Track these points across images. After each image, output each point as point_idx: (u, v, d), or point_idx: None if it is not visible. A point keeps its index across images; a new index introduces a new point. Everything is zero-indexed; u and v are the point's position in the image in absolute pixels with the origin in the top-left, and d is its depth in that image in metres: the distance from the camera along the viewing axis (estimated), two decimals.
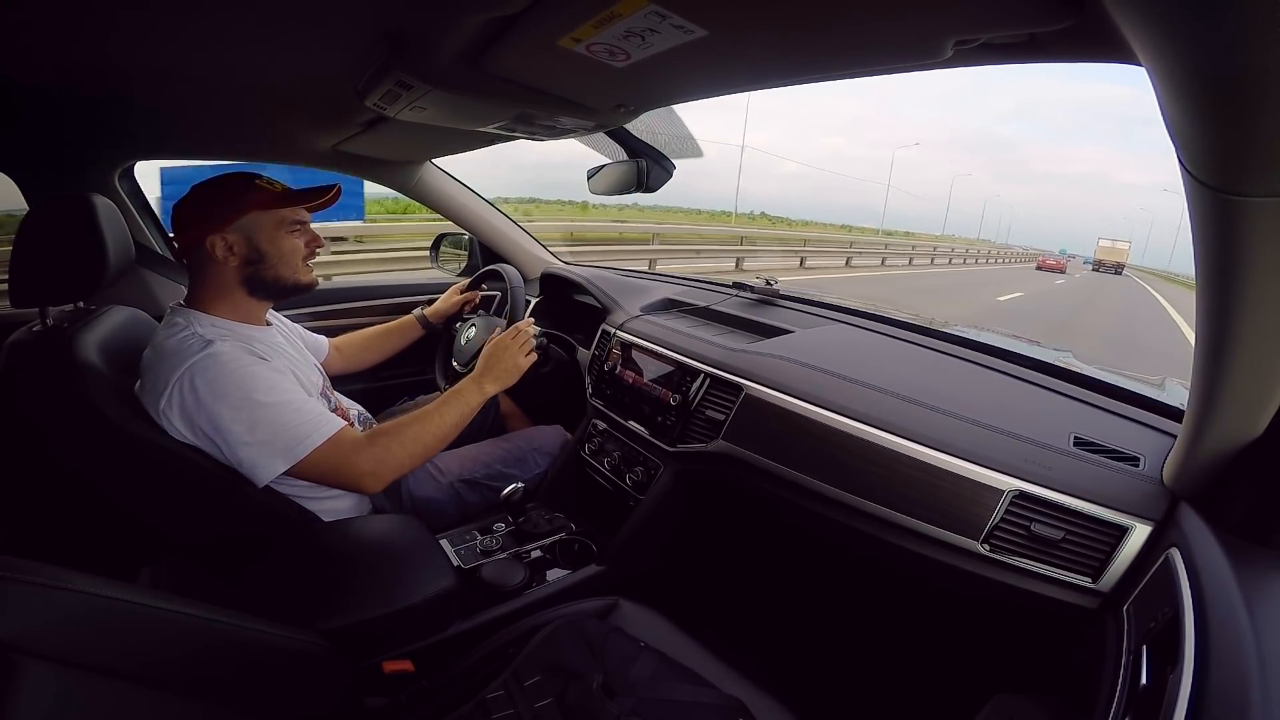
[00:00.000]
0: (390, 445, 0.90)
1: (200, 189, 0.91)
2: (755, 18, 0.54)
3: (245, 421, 0.81)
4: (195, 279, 0.92)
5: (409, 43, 0.69)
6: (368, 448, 0.88)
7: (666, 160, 1.11)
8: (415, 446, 0.93)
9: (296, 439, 0.84)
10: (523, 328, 1.12)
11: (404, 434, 0.92)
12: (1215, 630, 0.45)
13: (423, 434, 0.94)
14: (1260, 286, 0.40)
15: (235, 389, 0.81)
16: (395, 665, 0.80)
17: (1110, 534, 0.68)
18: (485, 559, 1.09)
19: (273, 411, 0.83)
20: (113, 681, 0.46)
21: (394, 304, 1.70)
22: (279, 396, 0.85)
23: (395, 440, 0.91)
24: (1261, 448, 0.54)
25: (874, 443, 0.85)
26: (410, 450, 0.92)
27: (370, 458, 0.88)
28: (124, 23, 0.69)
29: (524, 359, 1.09)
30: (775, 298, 1.44)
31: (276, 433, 0.83)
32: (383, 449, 0.89)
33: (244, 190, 0.90)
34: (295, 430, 0.84)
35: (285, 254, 0.93)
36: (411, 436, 0.93)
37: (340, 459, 0.86)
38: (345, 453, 0.87)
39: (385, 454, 0.89)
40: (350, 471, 0.87)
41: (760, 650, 0.94)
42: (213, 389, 0.80)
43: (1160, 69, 0.33)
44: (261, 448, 0.82)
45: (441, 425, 0.96)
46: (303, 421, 0.85)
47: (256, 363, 0.86)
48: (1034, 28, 0.47)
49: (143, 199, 1.43)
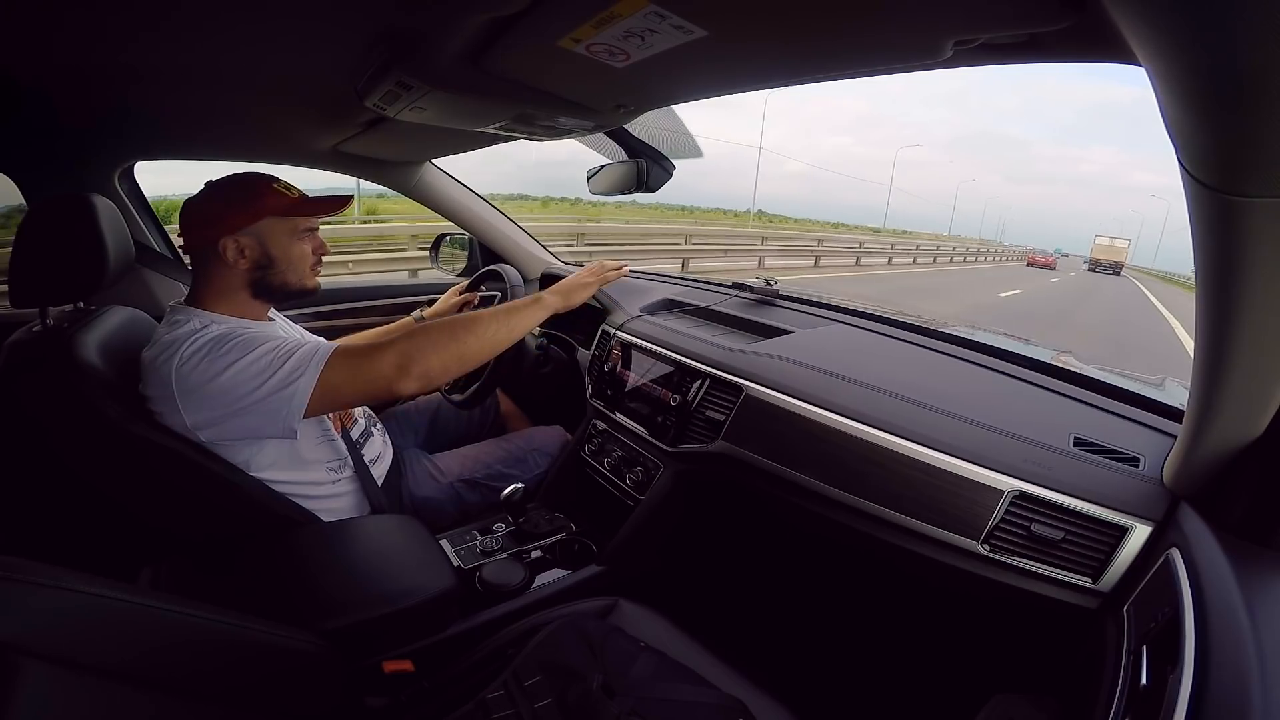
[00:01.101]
0: (418, 340, 0.84)
1: (215, 187, 0.89)
2: (755, 18, 0.54)
3: (250, 364, 0.79)
4: (200, 278, 0.91)
5: (409, 43, 0.69)
6: (391, 344, 0.83)
7: (666, 160, 1.12)
8: (451, 344, 0.86)
9: (306, 356, 0.81)
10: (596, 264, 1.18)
11: (437, 332, 0.86)
12: (1215, 630, 0.45)
13: (459, 331, 0.87)
14: (1260, 287, 0.40)
15: (230, 351, 0.80)
16: (395, 665, 0.80)
17: (1110, 534, 0.68)
18: (485, 559, 1.09)
19: (271, 346, 0.81)
20: (113, 682, 0.46)
21: (394, 304, 1.70)
22: (274, 342, 0.83)
23: (425, 336, 0.85)
24: (1261, 448, 0.54)
25: (874, 443, 0.85)
26: (444, 346, 0.85)
27: (394, 351, 0.82)
28: (124, 23, 0.69)
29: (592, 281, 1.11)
30: (775, 298, 1.44)
31: (285, 360, 0.80)
32: (406, 342, 0.83)
33: (261, 193, 0.89)
34: (299, 359, 0.81)
35: (295, 260, 0.93)
36: (446, 333, 0.86)
37: (361, 358, 0.82)
38: (364, 351, 0.82)
39: (410, 347, 0.83)
40: (376, 368, 0.81)
41: (760, 650, 0.93)
42: (210, 361, 0.79)
43: (1160, 69, 0.33)
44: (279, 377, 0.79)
45: (482, 327, 0.89)
46: (303, 346, 0.82)
47: (245, 329, 0.85)
48: (1034, 28, 0.47)
49: (143, 199, 1.43)
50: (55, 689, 0.41)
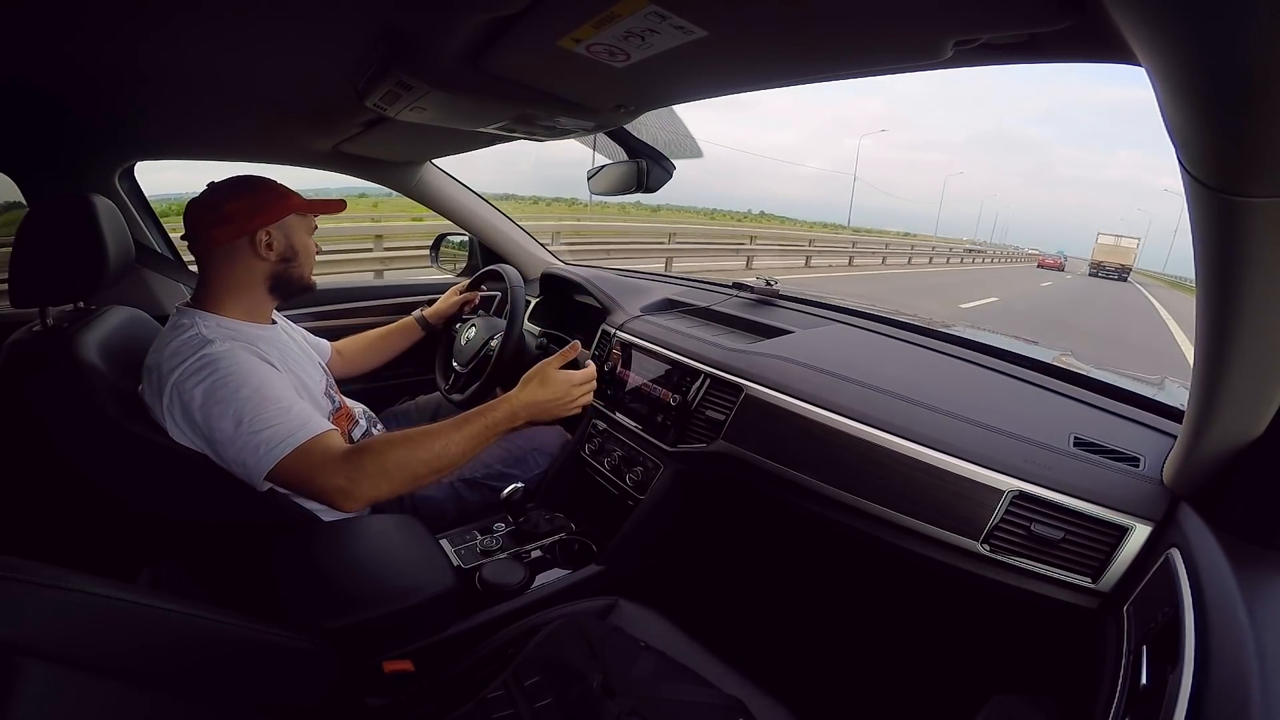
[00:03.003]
0: (370, 462, 0.79)
1: (238, 186, 0.92)
2: (755, 18, 0.54)
3: (232, 418, 0.78)
4: (215, 274, 0.91)
5: (409, 43, 0.69)
6: (342, 462, 0.79)
7: (666, 160, 1.12)
8: (402, 470, 0.81)
9: (277, 438, 0.78)
10: (592, 371, 0.98)
11: (394, 451, 0.81)
12: (1215, 630, 0.45)
13: (418, 451, 0.82)
14: (1260, 287, 0.40)
15: (225, 387, 0.80)
16: (395, 665, 0.80)
17: (1110, 534, 0.68)
18: (485, 559, 1.09)
19: (256, 407, 0.79)
20: (113, 681, 0.46)
21: (394, 304, 1.70)
22: (267, 393, 0.81)
23: (380, 455, 0.80)
24: (1261, 448, 0.54)
25: (874, 443, 0.85)
26: (394, 474, 0.80)
27: (342, 473, 0.78)
28: (125, 23, 0.69)
29: (581, 403, 0.96)
30: (775, 298, 1.44)
31: (258, 432, 0.78)
32: (356, 466, 0.78)
33: (283, 191, 0.94)
34: (276, 430, 0.79)
35: (309, 254, 0.98)
36: (404, 454, 0.81)
37: (311, 470, 0.78)
38: (315, 463, 0.78)
39: (357, 472, 0.78)
40: (321, 484, 0.78)
41: (760, 650, 0.93)
42: (206, 388, 0.80)
43: (1160, 69, 0.33)
44: (243, 449, 0.78)
45: (447, 447, 0.84)
46: (278, 425, 0.79)
47: (251, 359, 0.84)
48: (1034, 28, 0.47)
49: (143, 199, 1.43)
50: (55, 688, 0.42)
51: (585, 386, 0.96)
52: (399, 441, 0.82)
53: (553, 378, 0.94)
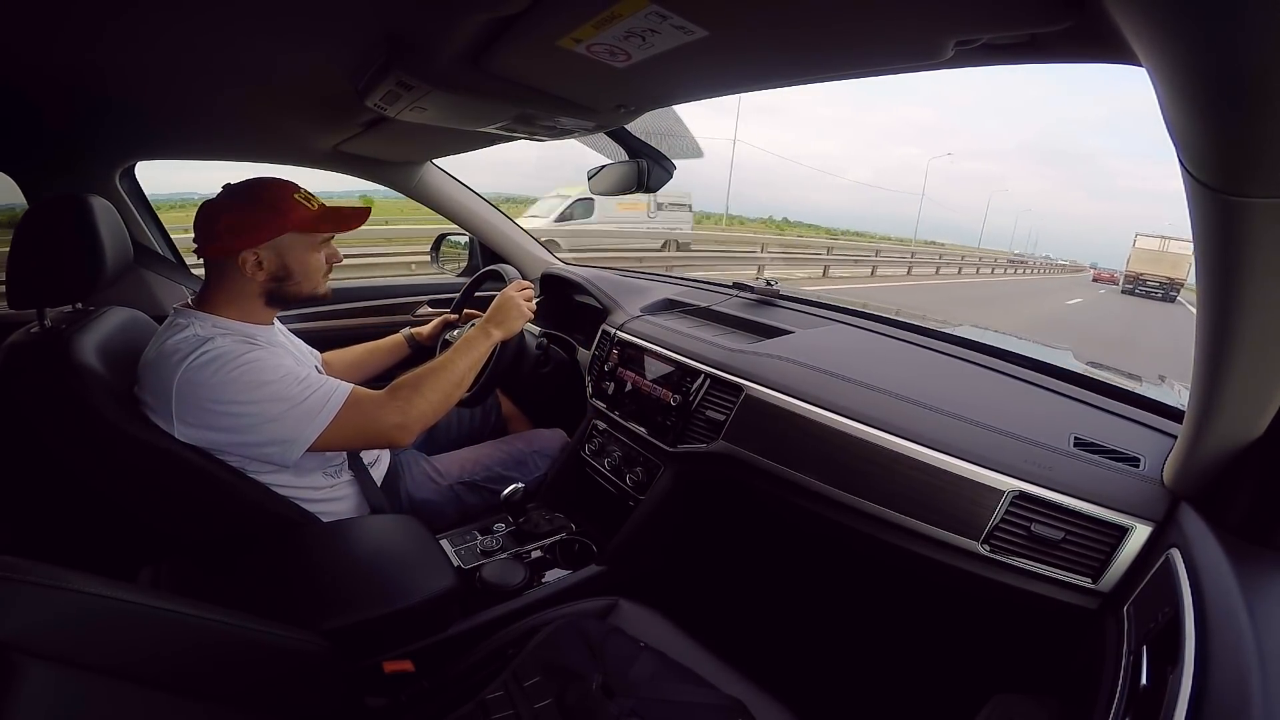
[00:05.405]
0: (412, 396, 0.92)
1: (237, 196, 0.88)
2: (756, 18, 0.54)
3: (261, 402, 0.82)
4: (212, 282, 0.91)
5: (409, 43, 0.69)
6: (390, 401, 0.91)
7: (666, 160, 1.11)
8: (435, 394, 0.94)
9: (316, 407, 0.85)
10: (524, 283, 1.19)
11: (423, 384, 0.94)
12: (1215, 630, 0.45)
13: (440, 382, 0.96)
14: (1261, 287, 0.40)
15: (242, 377, 0.81)
16: (395, 665, 0.80)
17: (1110, 534, 0.68)
18: (485, 559, 1.09)
19: (283, 387, 0.84)
20: (113, 681, 0.46)
21: (394, 304, 1.70)
22: (286, 373, 0.85)
23: (416, 391, 0.93)
24: (1262, 448, 0.54)
25: (874, 443, 0.85)
26: (431, 398, 0.94)
27: (395, 410, 0.90)
28: (124, 22, 0.69)
29: (528, 306, 1.14)
30: (775, 298, 1.44)
31: (294, 406, 0.83)
32: (405, 400, 0.91)
33: (284, 207, 0.88)
34: (311, 400, 0.85)
35: (310, 271, 0.94)
36: (431, 385, 0.94)
37: (365, 417, 0.88)
38: (368, 410, 0.89)
39: (408, 405, 0.91)
40: (379, 426, 0.89)
41: (760, 650, 0.93)
42: (219, 383, 0.80)
43: (1160, 69, 0.33)
44: (285, 423, 0.83)
45: (455, 372, 0.98)
46: (315, 390, 0.86)
47: (254, 349, 0.85)
48: (1034, 28, 0.47)
49: (144, 199, 1.43)
50: (55, 688, 0.41)
51: (524, 293, 1.15)
52: (423, 374, 0.96)
53: (501, 296, 1.13)
